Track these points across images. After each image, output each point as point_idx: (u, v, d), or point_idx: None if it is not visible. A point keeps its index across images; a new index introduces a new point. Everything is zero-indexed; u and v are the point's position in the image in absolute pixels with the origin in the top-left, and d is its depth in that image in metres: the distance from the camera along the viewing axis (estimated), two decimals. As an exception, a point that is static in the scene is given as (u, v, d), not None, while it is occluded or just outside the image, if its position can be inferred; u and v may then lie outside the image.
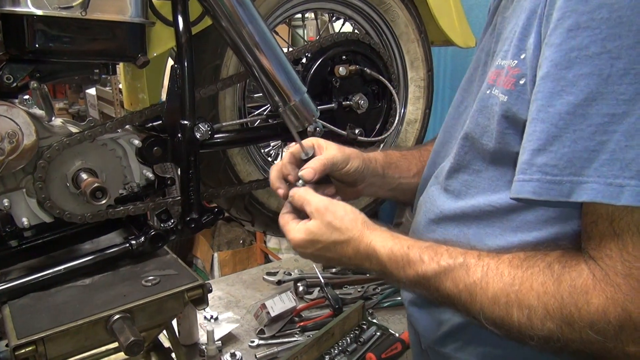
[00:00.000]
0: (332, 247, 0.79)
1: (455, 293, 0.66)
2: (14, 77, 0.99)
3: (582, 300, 0.55)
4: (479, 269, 0.65)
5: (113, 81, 4.11)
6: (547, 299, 0.58)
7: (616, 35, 0.51)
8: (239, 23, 1.06)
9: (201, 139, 1.12)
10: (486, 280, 0.63)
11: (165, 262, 1.14)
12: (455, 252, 0.69)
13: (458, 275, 0.66)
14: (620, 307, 0.53)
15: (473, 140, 0.76)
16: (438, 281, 0.68)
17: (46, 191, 1.02)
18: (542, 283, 0.59)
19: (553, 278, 0.58)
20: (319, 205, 0.81)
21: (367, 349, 1.43)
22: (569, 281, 0.57)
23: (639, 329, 0.52)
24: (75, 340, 0.93)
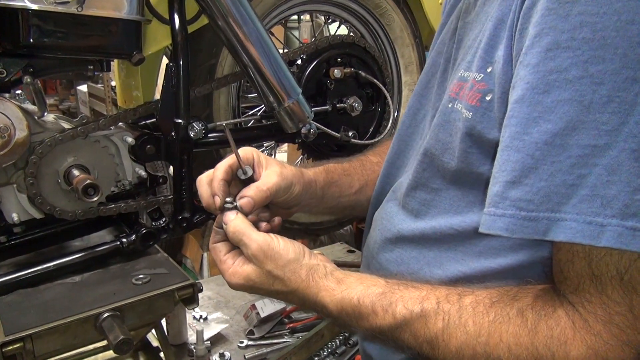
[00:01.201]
0: (275, 295, 0.72)
1: (415, 345, 0.62)
2: (7, 72, 0.98)
3: (560, 352, 0.52)
4: (439, 319, 0.59)
5: (105, 78, 4.08)
6: (519, 352, 0.54)
7: (599, 58, 0.47)
8: (236, 23, 1.06)
9: (195, 138, 1.12)
10: (448, 333, 0.58)
11: (156, 260, 1.13)
12: (410, 300, 0.62)
13: (416, 328, 0.61)
14: (602, 357, 0.50)
15: (433, 157, 0.70)
16: (395, 334, 0.63)
17: (37, 187, 1.01)
18: (514, 334, 0.54)
19: (527, 328, 0.54)
20: (257, 252, 0.69)
21: (356, 352, 1.43)
22: (545, 331, 0.52)
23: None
24: (63, 338, 0.92)
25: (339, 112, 1.38)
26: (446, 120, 0.67)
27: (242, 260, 0.72)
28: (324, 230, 1.61)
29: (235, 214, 0.72)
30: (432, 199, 0.71)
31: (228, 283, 0.73)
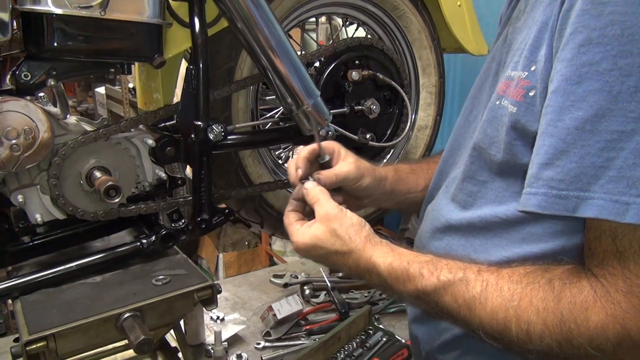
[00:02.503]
0: (333, 256, 0.79)
1: (455, 308, 0.67)
2: (32, 75, 1.00)
3: (581, 317, 0.56)
4: (478, 284, 0.65)
5: (123, 80, 4.13)
6: (546, 315, 0.58)
7: (627, 53, 0.51)
8: (255, 25, 1.07)
9: (214, 140, 1.13)
10: (485, 296, 0.64)
11: (176, 261, 1.14)
12: (455, 267, 0.69)
13: (457, 290, 0.66)
14: (620, 324, 0.53)
15: (481, 150, 0.75)
16: (437, 296, 0.68)
17: (60, 188, 1.02)
18: (542, 299, 0.59)
19: (553, 294, 0.59)
20: (329, 211, 0.80)
21: (373, 354, 1.43)
22: (569, 297, 0.57)
23: (637, 346, 0.53)
24: (86, 337, 0.93)
25: (357, 114, 1.38)
26: (494, 116, 0.72)
27: (311, 223, 0.82)
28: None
29: (315, 184, 0.86)
30: (478, 190, 0.76)
31: (295, 243, 0.82)
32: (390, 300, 1.72)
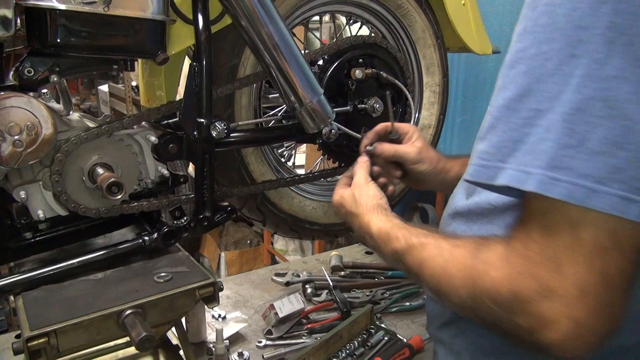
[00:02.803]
0: (349, 216, 1.00)
1: (413, 267, 0.76)
2: (35, 71, 1.00)
3: (483, 273, 0.61)
4: (432, 247, 0.73)
5: (126, 78, 4.13)
6: (464, 271, 0.65)
7: (550, 39, 0.56)
8: (259, 23, 1.07)
9: (217, 137, 1.13)
10: (432, 257, 0.72)
11: (178, 259, 1.14)
12: (422, 234, 0.78)
13: (416, 252, 0.76)
14: (513, 282, 0.58)
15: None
16: (404, 257, 0.78)
17: (62, 184, 1.02)
18: (464, 256, 0.66)
19: (473, 253, 0.65)
20: (357, 180, 1.04)
21: (374, 354, 1.42)
22: (482, 256, 0.63)
23: (526, 304, 0.57)
24: (87, 334, 0.93)
25: (360, 112, 1.38)
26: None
27: (346, 187, 1.05)
28: (343, 231, 1.60)
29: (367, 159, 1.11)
30: None
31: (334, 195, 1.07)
32: (392, 299, 1.71)
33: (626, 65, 0.52)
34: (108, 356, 1.28)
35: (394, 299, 1.71)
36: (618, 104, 0.52)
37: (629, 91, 0.52)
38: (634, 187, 0.52)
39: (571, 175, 0.53)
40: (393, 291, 1.75)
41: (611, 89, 0.52)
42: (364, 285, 1.78)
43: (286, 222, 1.44)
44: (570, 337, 0.55)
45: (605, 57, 0.53)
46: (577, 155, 0.53)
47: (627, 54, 0.52)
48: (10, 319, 2.81)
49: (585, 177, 0.53)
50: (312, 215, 1.47)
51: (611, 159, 0.52)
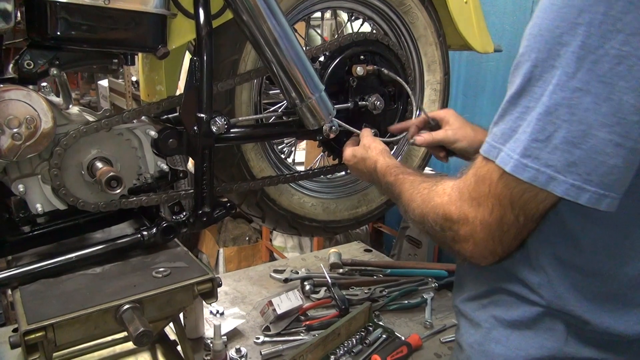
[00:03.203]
0: (360, 162, 1.20)
1: (395, 195, 1.00)
2: (34, 64, 0.99)
3: (431, 198, 0.84)
4: (409, 181, 0.96)
5: (126, 73, 4.12)
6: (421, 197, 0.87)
7: (538, 50, 0.66)
8: (260, 18, 1.06)
9: (217, 132, 1.12)
10: (407, 188, 0.94)
11: (176, 254, 1.14)
12: (408, 172, 1.01)
13: (399, 183, 0.99)
14: (445, 207, 0.79)
15: None
16: (392, 187, 1.02)
17: (61, 178, 1.02)
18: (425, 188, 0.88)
19: (430, 187, 0.86)
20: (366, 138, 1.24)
21: (372, 351, 1.42)
22: (435, 188, 0.84)
23: (451, 223, 0.78)
24: (84, 328, 0.93)
25: (361, 109, 1.37)
26: None
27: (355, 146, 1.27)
28: (342, 228, 1.60)
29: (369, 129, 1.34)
30: None
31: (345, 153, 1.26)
32: (391, 297, 1.71)
33: (590, 80, 0.62)
34: (105, 351, 1.27)
35: (392, 296, 1.71)
36: (579, 112, 0.63)
37: (590, 102, 0.63)
38: (586, 179, 0.64)
39: (537, 164, 0.66)
40: (392, 289, 1.75)
41: (575, 99, 0.63)
42: (362, 283, 1.78)
43: (285, 219, 1.44)
44: (472, 250, 0.77)
45: (574, 71, 0.63)
46: (544, 148, 0.66)
47: (593, 70, 0.62)
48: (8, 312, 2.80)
49: (548, 167, 0.66)
50: (312, 212, 1.47)
51: (569, 155, 0.65)
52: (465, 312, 0.92)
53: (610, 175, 0.64)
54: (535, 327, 0.80)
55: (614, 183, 0.65)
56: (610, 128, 0.62)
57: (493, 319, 0.85)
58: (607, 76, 0.62)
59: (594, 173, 0.64)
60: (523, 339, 0.81)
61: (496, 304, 0.85)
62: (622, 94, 0.61)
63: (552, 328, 0.79)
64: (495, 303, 0.86)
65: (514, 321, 0.83)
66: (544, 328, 0.80)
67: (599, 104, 0.62)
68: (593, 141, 0.63)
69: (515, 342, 0.82)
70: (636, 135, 0.63)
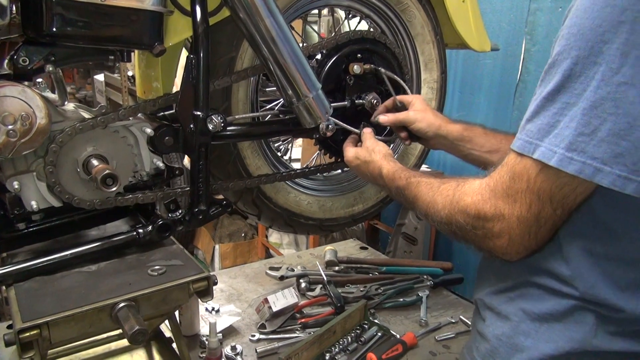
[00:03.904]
0: (363, 165, 1.22)
1: (409, 198, 1.02)
2: (30, 60, 0.98)
3: (460, 199, 0.85)
4: (424, 184, 0.98)
5: (122, 68, 4.10)
6: (446, 199, 0.88)
7: (579, 47, 0.69)
8: (257, 15, 1.06)
9: (213, 130, 1.12)
10: (424, 190, 0.96)
11: (172, 252, 1.13)
12: (419, 174, 1.04)
13: (413, 187, 1.01)
14: (479, 205, 0.81)
15: None
16: (404, 191, 1.04)
17: (56, 175, 1.01)
18: (447, 189, 0.90)
19: (455, 188, 0.87)
20: (369, 140, 1.27)
21: (367, 349, 1.43)
22: (461, 189, 0.86)
23: (485, 221, 0.80)
24: (79, 326, 0.92)
25: (357, 108, 1.37)
26: None
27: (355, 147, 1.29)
28: (338, 226, 1.60)
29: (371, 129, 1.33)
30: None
31: (346, 153, 1.28)
32: (386, 295, 1.71)
33: (635, 74, 0.65)
34: (100, 348, 1.27)
35: (387, 294, 1.72)
36: (624, 105, 0.66)
37: (635, 95, 0.65)
38: (633, 169, 0.66)
39: (583, 157, 0.68)
40: (387, 287, 1.76)
41: (620, 92, 0.66)
42: (358, 281, 1.78)
43: (281, 217, 1.44)
44: (506, 246, 0.79)
45: (618, 67, 0.66)
46: (590, 141, 0.68)
47: (637, 65, 0.65)
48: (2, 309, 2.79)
49: (594, 159, 0.68)
50: (308, 210, 1.47)
51: (615, 147, 0.67)
52: (492, 305, 0.93)
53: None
54: (565, 319, 0.82)
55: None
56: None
57: (522, 312, 0.87)
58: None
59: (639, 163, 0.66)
60: (552, 332, 0.83)
61: (525, 297, 0.87)
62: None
63: (582, 321, 0.80)
64: (524, 296, 0.87)
65: (543, 314, 0.84)
66: (574, 321, 0.81)
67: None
68: (639, 133, 0.65)
69: (544, 335, 0.84)
70: None
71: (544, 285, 0.83)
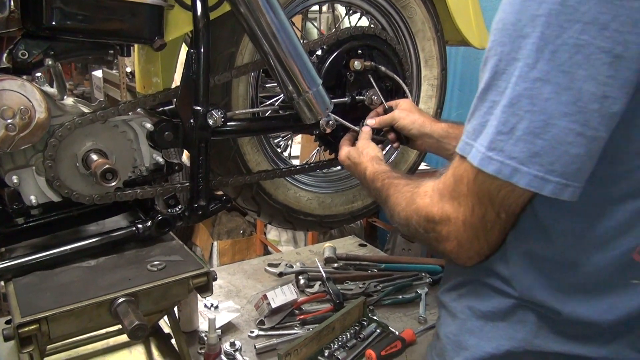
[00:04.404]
0: (353, 165, 1.22)
1: (382, 199, 1.02)
2: (29, 53, 0.98)
3: (413, 200, 0.85)
4: (394, 186, 0.97)
5: (120, 64, 4.09)
6: (405, 200, 0.88)
7: (502, 43, 0.67)
8: (258, 10, 1.05)
9: (213, 125, 1.11)
10: (393, 192, 0.95)
11: (171, 247, 1.13)
12: (395, 176, 1.03)
13: (385, 189, 1.01)
14: (428, 208, 0.80)
15: None
16: (380, 192, 1.04)
17: (56, 170, 1.01)
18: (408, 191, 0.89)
19: (413, 189, 0.87)
20: (362, 141, 1.26)
21: (366, 346, 1.42)
22: (417, 190, 0.86)
23: (434, 224, 0.79)
24: (78, 321, 0.92)
25: (358, 104, 1.37)
26: None
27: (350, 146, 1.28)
28: (337, 223, 1.60)
29: (369, 129, 1.31)
30: None
31: (340, 152, 1.28)
32: (385, 292, 1.71)
33: (550, 70, 0.62)
34: (99, 343, 1.27)
35: (386, 291, 1.71)
36: (540, 102, 0.64)
37: (550, 91, 0.63)
38: (549, 169, 0.64)
39: (501, 156, 0.67)
40: (386, 284, 1.75)
41: (536, 89, 0.64)
42: (357, 278, 1.78)
43: (281, 213, 1.44)
44: (457, 251, 0.77)
45: (534, 62, 0.63)
46: (508, 140, 0.66)
47: (552, 60, 0.62)
48: (1, 304, 2.79)
49: (512, 159, 0.66)
50: (307, 206, 1.47)
51: (531, 145, 0.65)
52: (445, 302, 0.92)
53: (573, 164, 0.64)
54: (508, 318, 0.81)
55: (577, 172, 0.65)
56: (570, 117, 0.62)
57: (468, 309, 0.86)
58: (566, 65, 0.62)
59: (556, 163, 0.64)
60: (496, 330, 0.82)
61: (472, 295, 0.86)
62: (582, 83, 0.62)
63: (524, 320, 0.80)
64: (472, 293, 0.86)
65: (487, 312, 0.83)
66: (516, 320, 0.80)
67: (559, 93, 0.62)
68: (554, 131, 0.63)
69: (488, 333, 0.83)
70: (596, 123, 0.63)
71: (489, 283, 0.83)
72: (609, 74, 0.61)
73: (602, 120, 0.63)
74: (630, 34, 0.60)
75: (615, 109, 0.63)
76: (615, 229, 0.71)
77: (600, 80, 0.61)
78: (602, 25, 0.60)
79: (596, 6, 0.60)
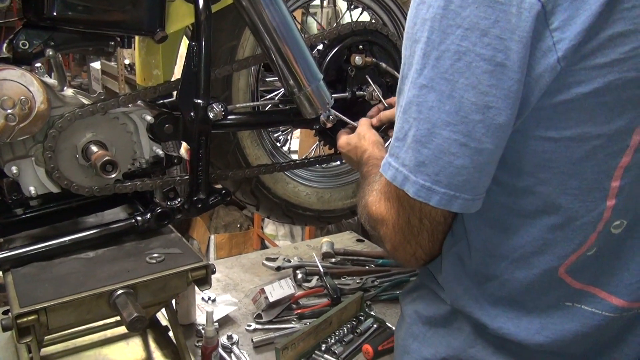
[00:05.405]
0: (352, 147, 1.16)
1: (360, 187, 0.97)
2: (30, 44, 0.98)
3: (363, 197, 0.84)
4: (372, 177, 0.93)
5: (119, 56, 4.07)
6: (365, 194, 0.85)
7: (405, 47, 0.66)
8: (260, 4, 1.05)
9: (214, 119, 1.11)
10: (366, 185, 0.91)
11: (170, 240, 1.13)
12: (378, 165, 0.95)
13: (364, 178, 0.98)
14: (370, 207, 0.80)
15: None
16: (361, 178, 1.03)
17: (55, 161, 1.01)
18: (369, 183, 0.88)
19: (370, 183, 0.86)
20: (362, 128, 1.21)
21: (363, 340, 1.43)
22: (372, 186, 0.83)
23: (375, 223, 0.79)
24: (77, 313, 0.92)
25: (358, 99, 1.37)
26: None
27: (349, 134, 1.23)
28: (336, 217, 1.60)
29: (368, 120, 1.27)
30: None
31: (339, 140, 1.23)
32: (382, 287, 1.72)
33: (434, 77, 0.61)
34: (96, 335, 1.27)
35: (384, 287, 1.72)
36: (425, 110, 0.62)
37: (434, 99, 0.61)
38: (435, 180, 0.63)
39: (397, 163, 0.67)
40: (383, 279, 1.76)
41: (422, 96, 0.62)
42: (354, 273, 1.78)
43: (280, 207, 1.44)
44: (393, 252, 0.78)
45: (421, 68, 0.62)
46: (402, 147, 0.66)
47: (436, 67, 0.60)
48: (-2, 294, 2.79)
49: (404, 166, 0.66)
50: (306, 201, 1.47)
51: (418, 154, 0.64)
52: (401, 305, 0.92)
53: (458, 176, 0.62)
54: (448, 325, 0.79)
55: (464, 184, 0.62)
56: (453, 127, 0.60)
57: (415, 314, 0.85)
58: (448, 73, 0.60)
59: (441, 173, 0.62)
60: (436, 337, 0.81)
61: (420, 300, 0.85)
62: (463, 92, 0.59)
63: (460, 328, 0.77)
64: (420, 298, 0.85)
65: (430, 318, 0.82)
66: (454, 328, 0.78)
67: (442, 102, 0.60)
68: (438, 140, 0.61)
69: (429, 339, 0.82)
70: (480, 135, 0.60)
71: (432, 289, 0.82)
72: (490, 83, 0.58)
73: (486, 132, 0.60)
74: (511, 40, 0.56)
75: (501, 120, 0.59)
76: (532, 244, 0.68)
77: (482, 90, 0.58)
78: (482, 32, 0.57)
79: (477, 11, 0.57)
